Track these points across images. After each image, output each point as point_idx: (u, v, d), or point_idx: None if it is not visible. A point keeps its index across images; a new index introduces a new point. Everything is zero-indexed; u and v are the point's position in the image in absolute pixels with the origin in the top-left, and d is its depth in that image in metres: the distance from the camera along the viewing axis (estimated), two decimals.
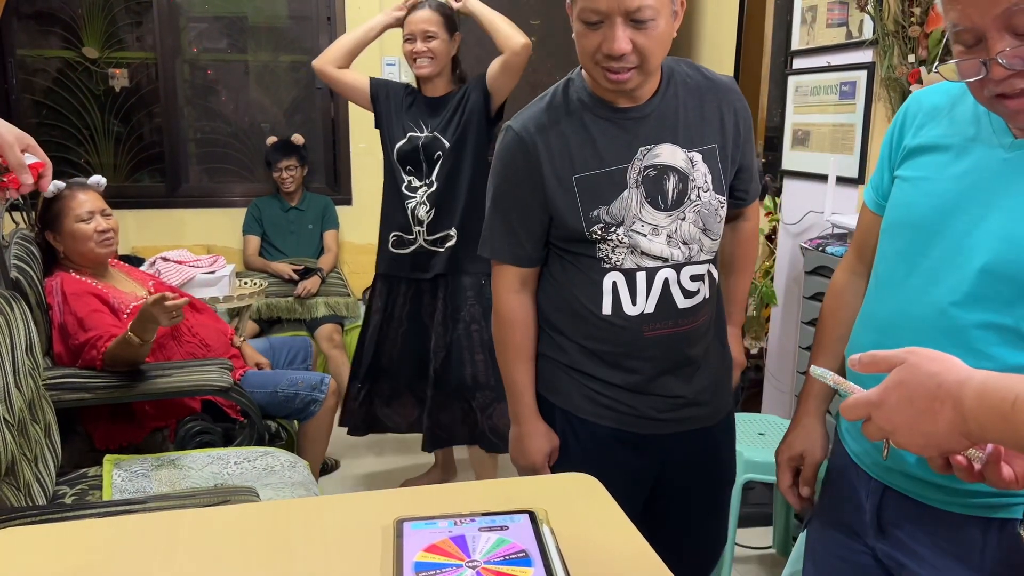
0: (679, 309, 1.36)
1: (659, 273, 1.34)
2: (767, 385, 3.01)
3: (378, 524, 1.04)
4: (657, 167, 1.31)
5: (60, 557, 0.99)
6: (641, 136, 1.32)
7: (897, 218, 1.10)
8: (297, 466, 2.00)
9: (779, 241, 2.93)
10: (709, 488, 1.52)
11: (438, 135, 2.50)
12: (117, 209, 3.99)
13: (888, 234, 1.12)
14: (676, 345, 1.38)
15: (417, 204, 2.51)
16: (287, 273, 3.74)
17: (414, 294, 2.57)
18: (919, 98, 1.14)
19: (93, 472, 1.90)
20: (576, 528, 1.04)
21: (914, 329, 1.02)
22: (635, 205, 1.31)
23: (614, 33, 1.20)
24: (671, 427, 1.41)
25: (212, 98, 4.26)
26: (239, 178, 4.30)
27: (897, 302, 1.07)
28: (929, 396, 0.75)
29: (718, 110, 1.36)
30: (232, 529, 1.06)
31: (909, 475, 1.05)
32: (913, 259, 1.05)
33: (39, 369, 1.89)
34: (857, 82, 2.47)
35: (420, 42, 2.43)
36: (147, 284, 2.43)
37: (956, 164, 1.03)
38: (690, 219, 1.33)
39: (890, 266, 1.10)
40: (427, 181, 2.50)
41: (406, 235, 2.53)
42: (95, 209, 2.29)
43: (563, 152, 1.32)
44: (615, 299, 1.35)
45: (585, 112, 1.33)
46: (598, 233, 1.32)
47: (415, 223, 2.51)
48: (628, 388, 1.38)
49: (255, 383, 2.40)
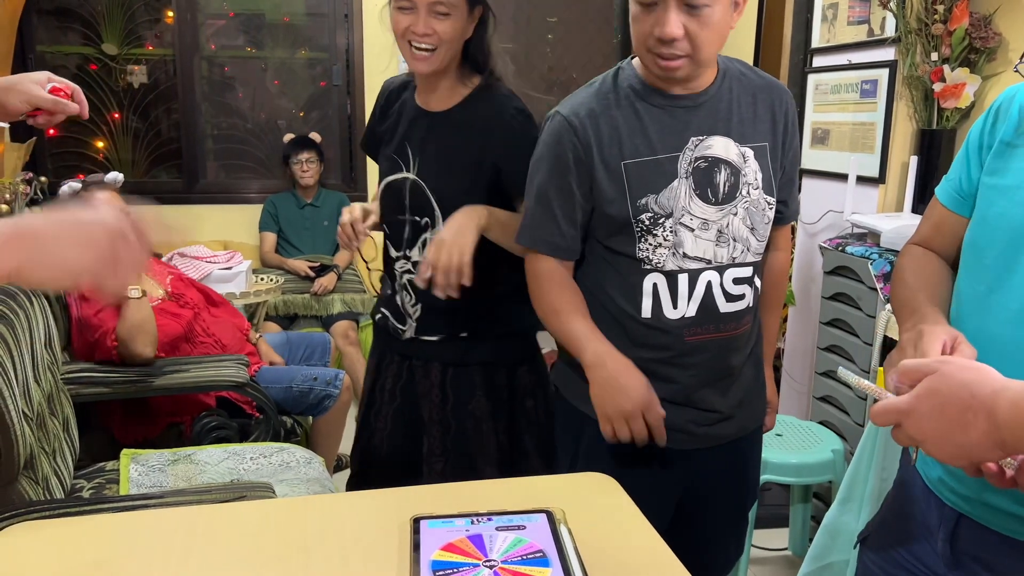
0: (721, 313, 1.31)
1: (702, 275, 1.29)
2: (784, 386, 2.98)
3: (395, 522, 1.03)
4: (708, 159, 1.27)
5: (79, 551, 0.99)
6: (693, 126, 1.28)
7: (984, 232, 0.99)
8: (312, 462, 2.00)
9: (797, 240, 2.90)
10: (731, 503, 1.49)
11: (422, 182, 1.58)
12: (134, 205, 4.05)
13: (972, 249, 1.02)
14: (718, 353, 1.33)
15: (400, 288, 1.67)
16: (303, 270, 3.75)
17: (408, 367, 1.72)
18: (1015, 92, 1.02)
19: (110, 466, 1.91)
20: (594, 528, 1.03)
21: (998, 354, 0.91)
22: (684, 196, 1.27)
23: (667, 16, 1.17)
24: (703, 442, 1.37)
25: (229, 95, 4.28)
26: (255, 174, 4.32)
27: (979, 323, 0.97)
28: (962, 406, 0.74)
29: (770, 110, 1.33)
30: (249, 526, 1.05)
31: (988, 505, 0.99)
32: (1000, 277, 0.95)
33: (58, 363, 1.91)
34: (878, 80, 2.44)
35: (424, 17, 1.45)
36: (165, 281, 2.43)
37: None
38: (741, 215, 1.29)
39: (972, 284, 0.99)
40: (406, 253, 1.64)
41: (396, 323, 1.69)
42: None
43: (613, 137, 1.28)
44: (655, 301, 1.30)
45: (636, 99, 1.29)
46: (644, 224, 1.28)
47: (405, 312, 1.67)
48: (667, 399, 1.31)
49: (270, 378, 2.40)
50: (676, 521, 1.42)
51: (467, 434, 1.67)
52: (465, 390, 1.66)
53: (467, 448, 1.67)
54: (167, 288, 2.39)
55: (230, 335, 2.43)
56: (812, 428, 2.34)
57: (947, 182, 1.11)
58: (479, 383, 1.66)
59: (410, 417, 1.72)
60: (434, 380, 1.67)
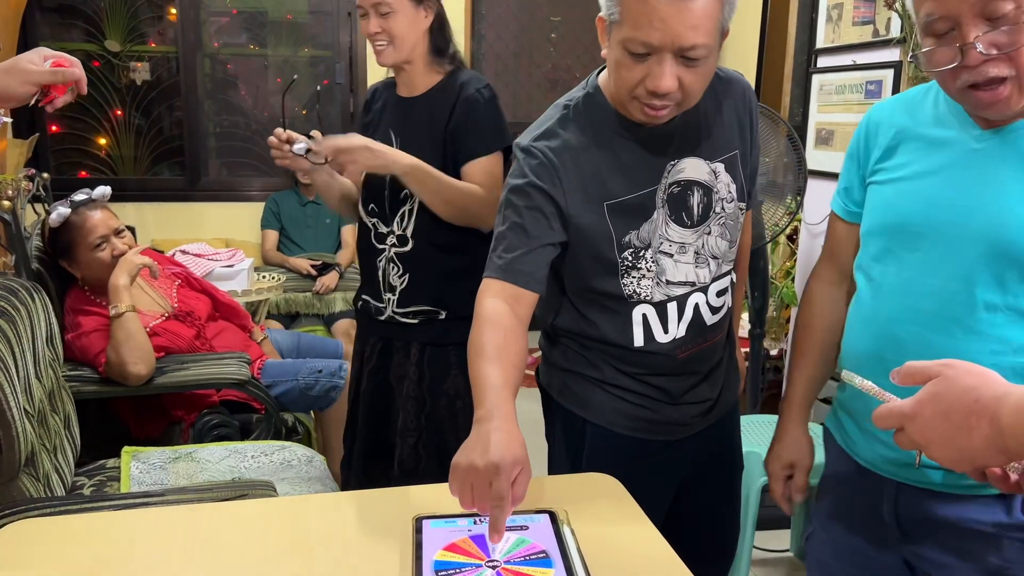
0: (708, 326, 1.33)
1: (690, 299, 1.30)
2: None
3: (397, 521, 1.03)
4: (681, 183, 1.26)
5: (80, 549, 0.99)
6: (668, 153, 1.26)
7: (880, 220, 1.13)
8: (314, 461, 1.99)
9: (800, 241, 2.90)
10: (723, 477, 1.51)
11: None
12: (137, 202, 4.06)
13: (872, 237, 1.14)
14: (707, 358, 1.36)
15: (386, 262, 1.81)
16: (305, 268, 3.74)
17: (383, 348, 1.87)
18: (878, 108, 1.19)
19: (111, 464, 1.91)
20: (596, 528, 1.03)
21: (920, 322, 1.05)
22: (661, 224, 1.26)
23: (662, 70, 1.10)
24: (695, 429, 1.40)
25: (232, 92, 4.28)
26: (258, 172, 4.32)
27: (896, 299, 1.09)
28: (965, 411, 0.74)
29: (735, 111, 1.31)
30: (251, 524, 1.05)
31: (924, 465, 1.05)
32: (904, 256, 1.08)
33: (59, 360, 1.90)
34: (883, 81, 2.43)
35: (374, 19, 1.69)
36: (172, 294, 2.37)
37: (929, 161, 1.07)
38: (716, 232, 1.29)
39: (880, 267, 1.12)
40: (392, 229, 1.80)
41: (375, 301, 1.84)
42: (107, 232, 2.15)
43: (594, 178, 1.24)
44: (646, 330, 1.30)
45: (611, 135, 1.25)
46: (628, 260, 1.26)
47: (386, 288, 1.81)
48: (662, 401, 1.35)
49: (276, 372, 2.39)
50: (676, 504, 1.44)
51: (440, 411, 1.80)
52: (441, 368, 1.79)
53: (440, 425, 1.80)
54: (174, 303, 2.34)
55: (233, 344, 2.40)
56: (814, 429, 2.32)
57: (838, 196, 1.24)
58: (455, 362, 1.78)
59: (388, 395, 1.86)
60: (412, 359, 1.81)
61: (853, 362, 1.12)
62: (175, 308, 2.31)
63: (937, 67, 0.97)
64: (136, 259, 2.08)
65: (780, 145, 2.55)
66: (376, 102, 1.89)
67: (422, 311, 1.79)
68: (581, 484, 1.18)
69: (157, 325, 2.20)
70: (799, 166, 2.57)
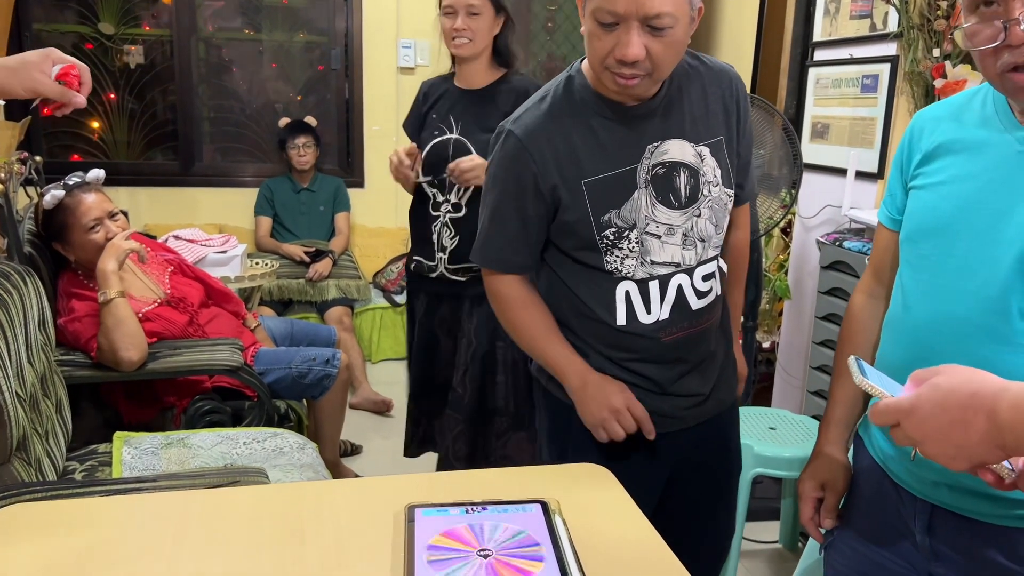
0: (694, 311, 1.33)
1: (672, 280, 1.31)
2: (778, 379, 2.99)
3: (389, 510, 1.03)
4: (666, 164, 1.28)
5: (72, 534, 0.99)
6: (649, 133, 1.28)
7: (917, 225, 1.09)
8: (306, 448, 1.99)
9: (794, 235, 2.90)
10: (718, 478, 1.51)
11: (465, 139, 2.11)
12: (130, 186, 4.04)
13: (909, 243, 1.10)
14: (695, 346, 1.36)
15: (441, 226, 2.16)
16: (298, 255, 3.73)
17: (432, 302, 2.25)
18: (923, 113, 1.15)
19: (103, 448, 1.90)
20: (587, 518, 1.03)
21: (952, 331, 1.00)
22: (646, 206, 1.27)
23: (629, 38, 1.15)
24: (687, 422, 1.40)
25: (226, 77, 4.25)
26: (252, 158, 4.30)
27: (929, 306, 1.04)
28: (962, 405, 0.73)
29: (721, 100, 1.32)
30: (243, 512, 1.05)
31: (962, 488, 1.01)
32: (939, 261, 1.03)
33: (51, 344, 1.89)
34: (880, 75, 2.43)
35: (462, 18, 2.04)
36: (164, 279, 2.36)
37: (971, 164, 1.03)
38: (705, 215, 1.30)
39: (915, 273, 1.08)
40: (448, 198, 2.14)
41: (427, 261, 2.20)
42: (102, 214, 2.14)
43: (570, 156, 1.27)
44: (629, 309, 1.31)
45: (590, 113, 1.28)
46: (609, 239, 1.28)
47: (438, 248, 2.17)
48: (651, 391, 1.35)
49: (269, 360, 2.39)
50: (667, 505, 1.44)
51: (483, 348, 2.16)
52: (485, 316, 2.10)
53: (483, 360, 2.17)
54: (167, 289, 2.33)
55: (226, 331, 2.39)
56: (806, 422, 2.35)
57: (884, 206, 1.20)
58: None
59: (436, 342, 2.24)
60: (464, 309, 2.18)
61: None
62: (167, 294, 2.30)
63: (978, 45, 0.92)
64: (123, 244, 2.06)
65: (775, 137, 2.55)
66: (434, 94, 2.18)
67: (470, 268, 2.11)
68: (573, 474, 1.19)
69: (149, 311, 2.19)
70: (794, 159, 2.57)
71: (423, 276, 2.20)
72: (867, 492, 1.18)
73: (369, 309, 3.91)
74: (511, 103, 2.01)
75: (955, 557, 1.04)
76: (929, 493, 1.06)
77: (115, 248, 2.05)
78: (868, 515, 1.17)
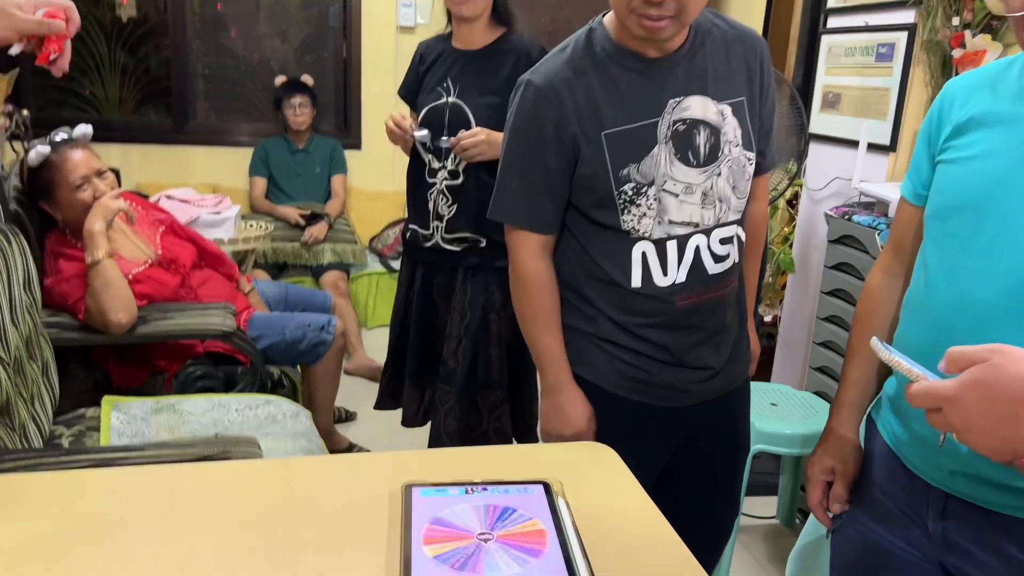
0: (710, 275, 1.31)
1: (691, 240, 1.28)
2: (779, 354, 2.96)
3: (386, 488, 1.00)
4: (687, 121, 1.25)
5: (56, 507, 0.95)
6: (670, 88, 1.25)
7: (945, 201, 1.04)
8: (300, 416, 1.96)
9: (801, 207, 2.85)
10: (725, 457, 1.49)
11: (462, 103, 2.03)
12: (122, 143, 3.95)
13: (936, 220, 1.05)
14: (709, 314, 1.33)
15: (437, 194, 2.08)
16: (293, 218, 3.67)
17: (428, 272, 2.17)
18: (955, 82, 1.10)
19: (91, 413, 1.86)
20: (590, 498, 1.00)
21: (976, 314, 0.96)
22: (665, 163, 1.24)
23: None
24: (696, 398, 1.37)
25: (222, 33, 4.14)
26: (247, 117, 4.21)
27: (953, 287, 0.99)
28: (1014, 400, 0.70)
29: (744, 62, 1.30)
30: (235, 487, 1.01)
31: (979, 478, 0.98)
32: (966, 240, 0.98)
33: (37, 306, 1.84)
34: (896, 44, 2.36)
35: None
36: (156, 240, 2.30)
37: (1005, 138, 0.98)
38: (724, 175, 1.28)
39: (940, 252, 1.03)
40: (445, 164, 2.05)
41: (422, 230, 2.11)
42: (89, 172, 2.06)
43: (590, 107, 1.25)
44: (645, 271, 1.29)
45: (611, 64, 1.25)
46: (628, 195, 1.25)
47: (434, 217, 2.08)
48: (662, 360, 1.33)
49: (262, 325, 2.34)
50: (672, 482, 1.42)
51: (477, 321, 2.10)
52: (480, 287, 2.08)
53: (477, 333, 2.11)
54: (158, 250, 2.26)
55: (219, 295, 2.34)
56: (807, 398, 2.32)
57: (908, 180, 1.15)
58: (493, 280, 2.07)
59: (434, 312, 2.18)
60: (457, 279, 2.11)
61: None
62: (158, 255, 2.24)
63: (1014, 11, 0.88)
64: (111, 204, 1.99)
65: (783, 107, 2.49)
66: (430, 55, 2.10)
67: (465, 238, 2.06)
68: (576, 453, 1.15)
69: (140, 272, 2.13)
70: (800, 130, 2.51)
71: (418, 246, 2.14)
72: (878, 477, 1.14)
73: (365, 274, 3.86)
74: (511, 65, 1.98)
75: (968, 547, 1.02)
76: (944, 481, 1.03)
77: (103, 208, 1.98)
78: (878, 501, 1.14)
